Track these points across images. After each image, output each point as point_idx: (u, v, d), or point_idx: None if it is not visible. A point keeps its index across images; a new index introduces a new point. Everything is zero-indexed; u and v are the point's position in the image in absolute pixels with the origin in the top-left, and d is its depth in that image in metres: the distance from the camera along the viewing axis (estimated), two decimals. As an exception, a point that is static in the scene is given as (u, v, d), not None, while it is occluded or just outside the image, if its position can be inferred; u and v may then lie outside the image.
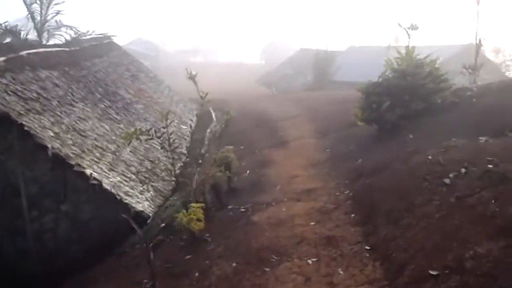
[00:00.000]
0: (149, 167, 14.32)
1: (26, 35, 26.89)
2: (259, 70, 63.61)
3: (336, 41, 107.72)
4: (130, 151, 14.37)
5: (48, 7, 26.90)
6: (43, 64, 15.42)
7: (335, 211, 8.09)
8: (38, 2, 26.80)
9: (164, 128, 9.62)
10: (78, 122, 13.57)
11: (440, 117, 10.35)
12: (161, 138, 9.53)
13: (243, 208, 9.45)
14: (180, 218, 8.33)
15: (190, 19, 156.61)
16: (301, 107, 21.89)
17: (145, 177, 13.56)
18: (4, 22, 25.57)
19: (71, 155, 11.43)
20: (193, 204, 8.60)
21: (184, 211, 8.68)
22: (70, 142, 12.08)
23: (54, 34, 28.92)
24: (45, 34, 28.91)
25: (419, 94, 10.77)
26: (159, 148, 15.40)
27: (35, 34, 28.08)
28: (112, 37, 28.56)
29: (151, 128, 10.69)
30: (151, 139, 9.56)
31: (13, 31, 25.51)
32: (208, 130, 22.18)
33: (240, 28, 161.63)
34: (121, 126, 16.10)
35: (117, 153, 13.72)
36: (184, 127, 22.53)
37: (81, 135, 12.97)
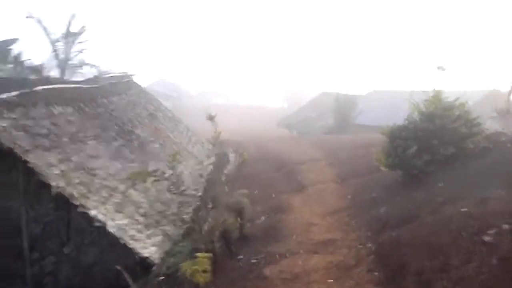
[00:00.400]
0: (160, 210, 13.61)
1: (48, 72, 27.26)
2: (281, 113, 63.50)
3: (357, 85, 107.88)
4: (141, 192, 13.76)
5: (72, 46, 27.34)
6: (58, 100, 15.15)
7: (356, 267, 7.19)
8: (62, 40, 27.30)
9: (171, 169, 8.95)
10: (88, 160, 13.07)
11: (472, 163, 9.48)
12: (170, 181, 8.86)
13: (254, 259, 8.62)
14: (184, 269, 7.55)
15: (214, 62, 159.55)
16: (322, 150, 21.15)
17: (154, 220, 12.86)
18: (27, 59, 25.94)
19: (76, 194, 10.84)
20: (199, 254, 7.82)
21: (191, 260, 7.92)
22: (77, 180, 11.52)
23: (76, 72, 29.37)
24: (68, 72, 29.37)
25: (449, 139, 9.95)
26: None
27: (59, 71, 28.58)
28: (132, 76, 28.71)
29: (157, 169, 10.03)
30: (158, 180, 8.90)
31: (35, 69, 25.82)
32: (225, 172, 21.54)
33: (263, 70, 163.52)
34: (135, 165, 15.54)
35: (127, 194, 13.10)
36: (199, 168, 21.96)
37: (89, 173, 12.43)
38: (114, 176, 13.52)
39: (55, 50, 27.25)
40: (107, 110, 18.78)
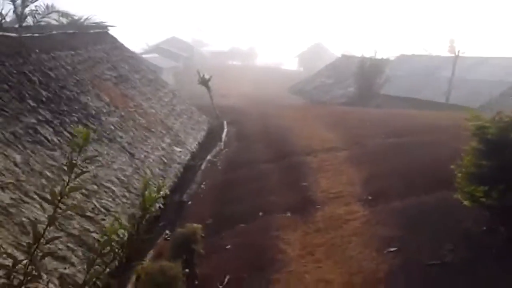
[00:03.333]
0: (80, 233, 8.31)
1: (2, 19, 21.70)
2: (296, 77, 57.38)
3: (383, 49, 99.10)
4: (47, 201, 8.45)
5: (28, -14, 21.53)
6: None
7: None
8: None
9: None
10: None
11: None
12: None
13: None
14: None
15: (231, 20, 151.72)
16: (341, 131, 15.45)
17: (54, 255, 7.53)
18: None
19: None
20: None
21: None
22: None
23: (40, 21, 23.69)
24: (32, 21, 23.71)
25: None
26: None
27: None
28: (108, 27, 23.03)
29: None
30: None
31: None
32: (208, 157, 16.11)
33: (282, 31, 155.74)
34: (56, 154, 10.21)
35: (12, 209, 7.76)
36: (178, 149, 16.53)
37: None
38: (-3, 178, 8.16)
39: (8, -8, 21.43)
40: (42, 69, 13.32)
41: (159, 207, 12.25)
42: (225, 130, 20.80)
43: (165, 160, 14.90)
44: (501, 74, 29.64)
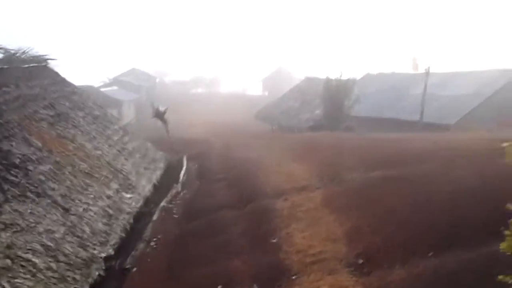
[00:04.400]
0: None
1: None
2: (261, 102, 55.85)
3: (346, 70, 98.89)
4: None
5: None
6: None
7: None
8: None
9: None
10: None
11: None
12: None
13: None
14: None
15: (194, 49, 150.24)
16: (313, 164, 13.54)
17: None
18: None
19: None
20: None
21: None
22: None
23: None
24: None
25: None
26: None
27: None
28: (48, 61, 20.71)
29: None
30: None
31: None
32: (163, 203, 13.90)
33: (245, 57, 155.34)
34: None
35: None
36: (128, 196, 14.24)
37: None
38: None
39: None
40: (-49, 112, 11.04)
41: (98, 274, 10.05)
42: (184, 168, 18.62)
43: (111, 211, 12.59)
44: (474, 87, 28.60)
